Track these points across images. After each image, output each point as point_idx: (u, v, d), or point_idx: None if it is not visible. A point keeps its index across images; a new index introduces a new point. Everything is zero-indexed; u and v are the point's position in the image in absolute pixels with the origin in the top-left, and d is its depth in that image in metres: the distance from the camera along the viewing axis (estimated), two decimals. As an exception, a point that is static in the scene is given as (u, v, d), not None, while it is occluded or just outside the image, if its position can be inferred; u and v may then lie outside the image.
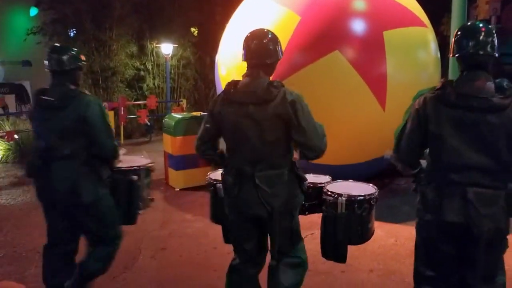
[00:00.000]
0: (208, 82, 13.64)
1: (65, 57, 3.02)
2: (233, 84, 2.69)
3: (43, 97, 3.01)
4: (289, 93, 2.55)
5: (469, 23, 2.61)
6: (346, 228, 3.01)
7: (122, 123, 10.74)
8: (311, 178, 3.36)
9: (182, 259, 4.33)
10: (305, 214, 3.27)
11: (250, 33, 2.69)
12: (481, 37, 2.30)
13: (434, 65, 6.20)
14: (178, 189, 6.56)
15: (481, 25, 2.41)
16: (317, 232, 4.27)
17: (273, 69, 2.70)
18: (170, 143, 6.74)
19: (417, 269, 2.57)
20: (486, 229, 2.29)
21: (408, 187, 6.58)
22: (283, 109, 2.52)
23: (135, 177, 3.44)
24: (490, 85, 2.26)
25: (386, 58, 5.51)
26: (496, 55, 2.32)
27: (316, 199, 3.26)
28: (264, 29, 2.73)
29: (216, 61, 7.08)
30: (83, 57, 3.18)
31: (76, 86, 3.07)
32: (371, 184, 3.39)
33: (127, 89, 12.60)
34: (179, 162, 6.57)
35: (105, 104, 10.46)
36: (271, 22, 5.82)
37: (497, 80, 2.27)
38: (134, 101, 12.31)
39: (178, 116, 6.95)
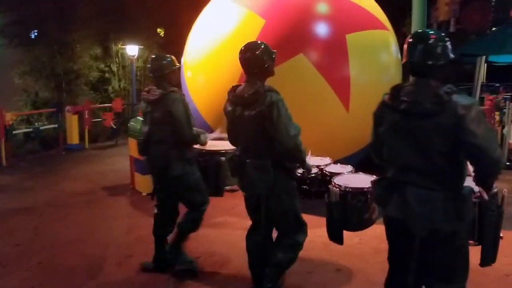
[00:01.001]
0: (176, 84, 13.53)
1: (160, 63, 3.84)
2: (233, 89, 3.24)
3: (144, 94, 3.96)
4: (270, 96, 3.02)
5: (420, 30, 2.67)
6: (340, 215, 3.25)
7: (87, 126, 10.54)
8: (333, 167, 4.04)
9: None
10: (311, 199, 3.84)
11: (244, 46, 3.21)
12: (430, 46, 2.38)
13: (395, 66, 6.36)
14: (145, 194, 6.48)
15: (431, 32, 2.48)
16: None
17: (264, 75, 3.17)
18: (136, 147, 6.64)
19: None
20: (420, 227, 2.39)
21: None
22: (263, 109, 3.01)
23: (222, 158, 4.18)
24: (433, 91, 2.32)
25: (349, 60, 5.61)
26: (443, 63, 2.37)
27: (324, 186, 3.74)
28: (256, 42, 3.32)
29: (181, 63, 7.04)
30: (176, 62, 3.95)
31: (170, 86, 3.84)
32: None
33: (91, 92, 12.40)
34: (145, 167, 6.46)
35: (68, 108, 10.28)
36: (236, 24, 5.85)
37: (444, 87, 2.33)
38: (99, 104, 12.08)
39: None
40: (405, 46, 2.47)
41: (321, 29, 5.75)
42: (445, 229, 2.37)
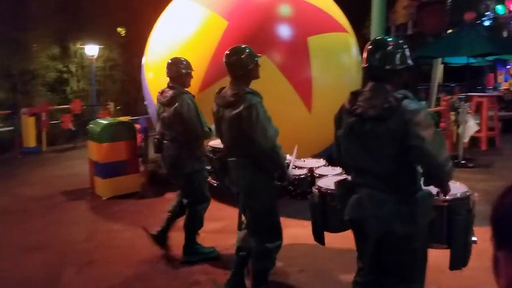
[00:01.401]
0: (137, 85, 13.29)
1: (177, 67, 4.17)
2: (219, 90, 3.40)
3: (157, 96, 4.20)
4: (249, 99, 3.17)
5: (379, 37, 2.73)
6: (320, 217, 3.27)
7: (44, 129, 10.22)
8: (323, 169, 3.97)
9: (110, 273, 4.19)
10: (297, 199, 3.84)
11: (229, 50, 3.40)
12: (387, 52, 2.44)
13: (356, 68, 6.44)
14: (105, 198, 6.35)
15: (389, 39, 2.55)
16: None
17: (247, 77, 3.33)
18: (96, 150, 6.50)
19: None
20: (374, 229, 2.46)
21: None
22: (240, 111, 3.17)
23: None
24: (386, 96, 2.37)
25: (310, 62, 5.67)
26: (399, 68, 2.43)
27: (309, 187, 3.70)
28: (240, 46, 3.43)
29: (142, 64, 6.93)
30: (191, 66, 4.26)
31: (183, 88, 4.12)
32: None
33: (49, 93, 12.00)
34: (106, 170, 6.36)
35: (24, 110, 9.94)
36: (198, 26, 5.80)
37: (396, 92, 2.38)
38: (58, 105, 11.69)
39: (103, 122, 6.72)
40: (364, 52, 2.53)
41: (284, 31, 5.78)
42: (399, 231, 2.42)
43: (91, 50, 12.09)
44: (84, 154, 8.02)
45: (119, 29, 14.65)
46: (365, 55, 2.52)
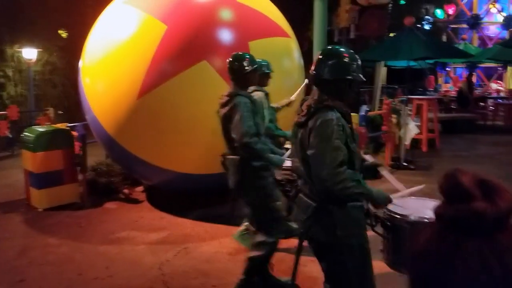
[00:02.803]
0: (255, 84, 12.77)
1: (240, 64, 3.79)
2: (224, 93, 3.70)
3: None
4: (238, 100, 3.51)
5: (329, 47, 2.69)
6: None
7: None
8: None
9: (41, 291, 3.96)
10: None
11: (231, 56, 3.81)
12: (326, 62, 2.45)
13: (298, 72, 6.48)
14: (41, 210, 6.04)
15: (337, 50, 2.53)
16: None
17: (242, 81, 3.70)
18: (30, 160, 6.18)
19: None
20: (303, 234, 2.50)
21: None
22: (228, 110, 3.55)
23: None
24: (311, 104, 2.42)
25: (252, 67, 5.62)
26: (332, 79, 2.42)
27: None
28: (240, 53, 3.84)
29: (79, 68, 6.66)
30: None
31: (246, 87, 3.83)
32: None
33: (-16, 99, 11.39)
34: (41, 180, 6.05)
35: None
36: (135, 29, 5.62)
37: (320, 100, 2.42)
38: (-7, 111, 11.10)
39: (39, 129, 6.40)
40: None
41: (225, 36, 5.69)
42: (320, 239, 2.45)
43: (29, 53, 11.57)
44: (21, 164, 7.61)
45: (60, 32, 14.11)
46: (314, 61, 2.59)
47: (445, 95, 16.96)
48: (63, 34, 14.29)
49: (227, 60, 3.78)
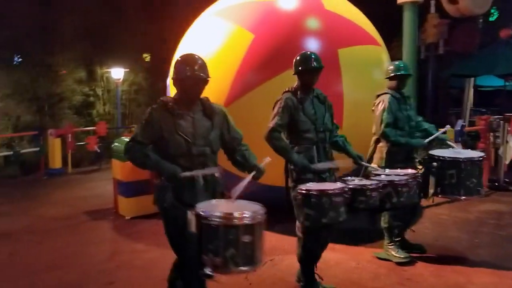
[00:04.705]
0: (310, 84, 13.17)
1: (294, 62, 3.92)
2: None
3: None
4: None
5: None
6: None
7: (70, 150, 10.20)
8: None
9: (130, 294, 3.94)
10: None
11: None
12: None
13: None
14: (128, 218, 6.15)
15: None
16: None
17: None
18: (119, 169, 6.34)
19: None
20: None
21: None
22: None
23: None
24: None
25: (341, 76, 5.42)
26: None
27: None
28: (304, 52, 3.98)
29: (167, 84, 6.81)
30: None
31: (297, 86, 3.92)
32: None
33: (75, 116, 12.06)
34: (129, 189, 6.18)
35: (50, 131, 9.95)
36: (224, 40, 5.65)
37: None
38: (83, 127, 11.72)
39: (128, 139, 6.57)
40: None
41: (312, 44, 5.55)
42: None
43: (117, 73, 12.16)
44: (108, 176, 7.89)
45: (144, 55, 14.79)
46: None
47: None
48: (147, 58, 14.98)
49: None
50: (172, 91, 6.56)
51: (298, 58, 3.85)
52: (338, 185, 3.38)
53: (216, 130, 3.08)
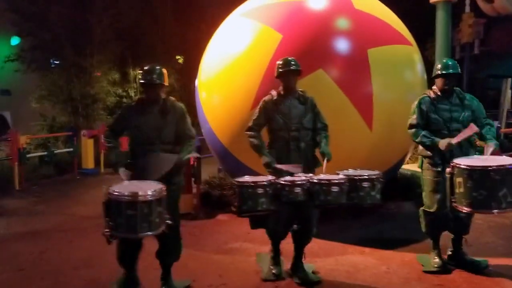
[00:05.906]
0: (193, 109, 13.39)
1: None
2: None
3: None
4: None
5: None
6: None
7: (103, 151, 10.39)
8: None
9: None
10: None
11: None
12: None
13: (421, 86, 5.95)
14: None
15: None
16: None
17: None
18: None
19: None
20: None
21: (397, 212, 6.31)
22: None
23: None
24: None
25: (371, 76, 5.33)
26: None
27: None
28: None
29: (196, 85, 6.85)
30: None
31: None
32: None
33: (109, 117, 12.30)
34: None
35: (83, 132, 10.18)
36: (251, 41, 5.65)
37: None
38: (117, 128, 11.93)
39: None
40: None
41: (341, 44, 5.48)
42: None
43: (149, 75, 12.31)
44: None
45: (177, 57, 14.96)
46: None
47: None
48: (180, 60, 15.15)
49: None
50: (200, 92, 6.63)
51: (279, 62, 4.21)
52: (269, 178, 3.72)
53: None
